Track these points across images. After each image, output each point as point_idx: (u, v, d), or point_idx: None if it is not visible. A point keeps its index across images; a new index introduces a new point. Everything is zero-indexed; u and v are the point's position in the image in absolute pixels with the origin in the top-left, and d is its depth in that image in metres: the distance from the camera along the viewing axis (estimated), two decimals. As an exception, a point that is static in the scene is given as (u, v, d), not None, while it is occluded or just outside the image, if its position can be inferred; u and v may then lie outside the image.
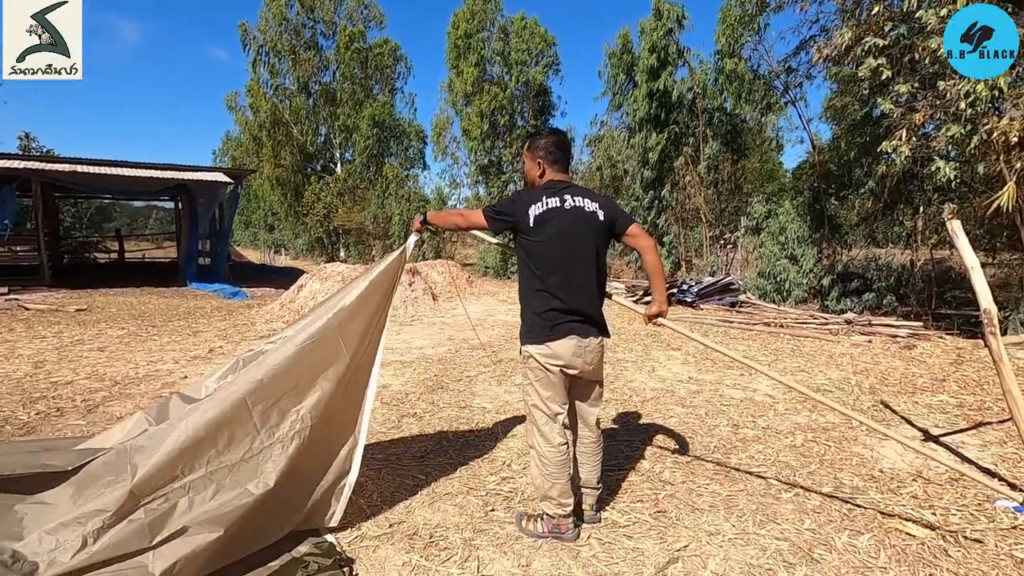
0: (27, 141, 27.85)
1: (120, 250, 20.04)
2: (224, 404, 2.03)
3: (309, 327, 2.25)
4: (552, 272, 2.12)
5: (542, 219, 2.12)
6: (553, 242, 2.11)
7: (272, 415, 2.08)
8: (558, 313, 2.13)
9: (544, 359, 2.14)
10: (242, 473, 1.98)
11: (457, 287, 11.11)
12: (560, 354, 2.13)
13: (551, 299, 2.13)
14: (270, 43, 24.40)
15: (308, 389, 2.17)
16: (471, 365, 5.42)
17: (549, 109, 18.45)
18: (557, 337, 2.13)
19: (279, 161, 25.47)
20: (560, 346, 2.13)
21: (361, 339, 2.33)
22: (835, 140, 12.80)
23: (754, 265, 11.66)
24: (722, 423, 3.66)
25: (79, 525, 1.75)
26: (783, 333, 7.00)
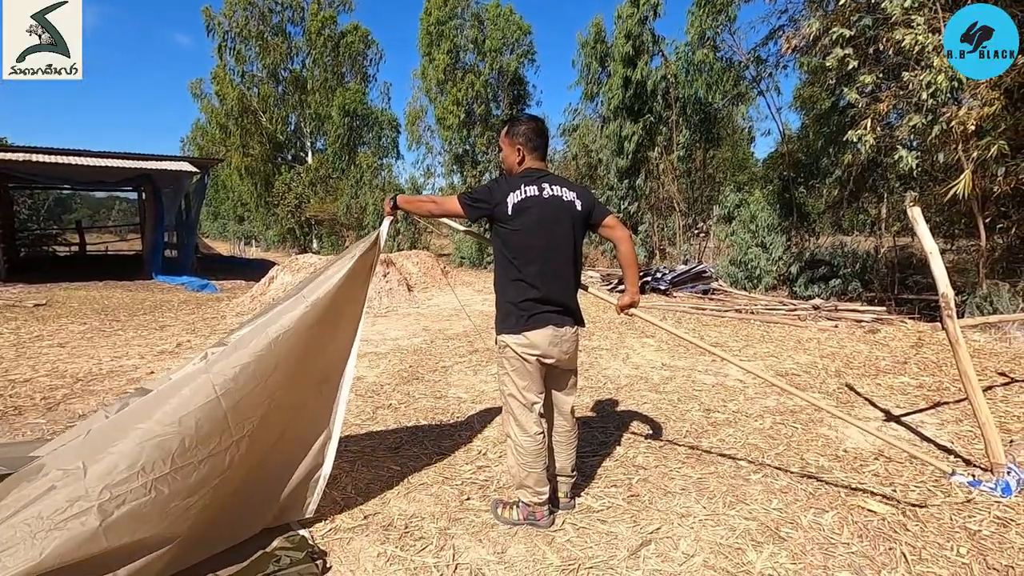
0: (-23, 129, 26.55)
1: (81, 243, 19.33)
2: (192, 399, 1.91)
3: (279, 318, 2.13)
4: (530, 261, 2.11)
5: (520, 208, 2.10)
6: (531, 231, 2.10)
7: (242, 410, 1.98)
8: (535, 303, 2.12)
9: (521, 348, 2.14)
10: (208, 470, 1.88)
11: (432, 277, 11.04)
12: (537, 343, 2.13)
13: (528, 288, 2.12)
14: (236, 28, 23.68)
15: (278, 384, 2.07)
16: (446, 355, 5.40)
17: (524, 98, 18.37)
18: (534, 327, 2.12)
19: (248, 150, 24.84)
20: (537, 335, 2.12)
21: (334, 332, 2.27)
22: (804, 129, 13.05)
23: (726, 253, 11.85)
24: (694, 408, 3.73)
25: (26, 526, 1.60)
26: (754, 319, 7.16)
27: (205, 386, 1.93)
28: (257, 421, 2.01)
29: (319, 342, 2.21)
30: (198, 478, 1.84)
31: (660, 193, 14.72)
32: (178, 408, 1.87)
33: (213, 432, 1.90)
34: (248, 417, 1.99)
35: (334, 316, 2.24)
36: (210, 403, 1.90)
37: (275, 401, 2.06)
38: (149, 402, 1.92)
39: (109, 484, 1.69)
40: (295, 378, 2.13)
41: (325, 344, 2.24)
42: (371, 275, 2.43)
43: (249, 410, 1.99)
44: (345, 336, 2.34)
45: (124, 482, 1.71)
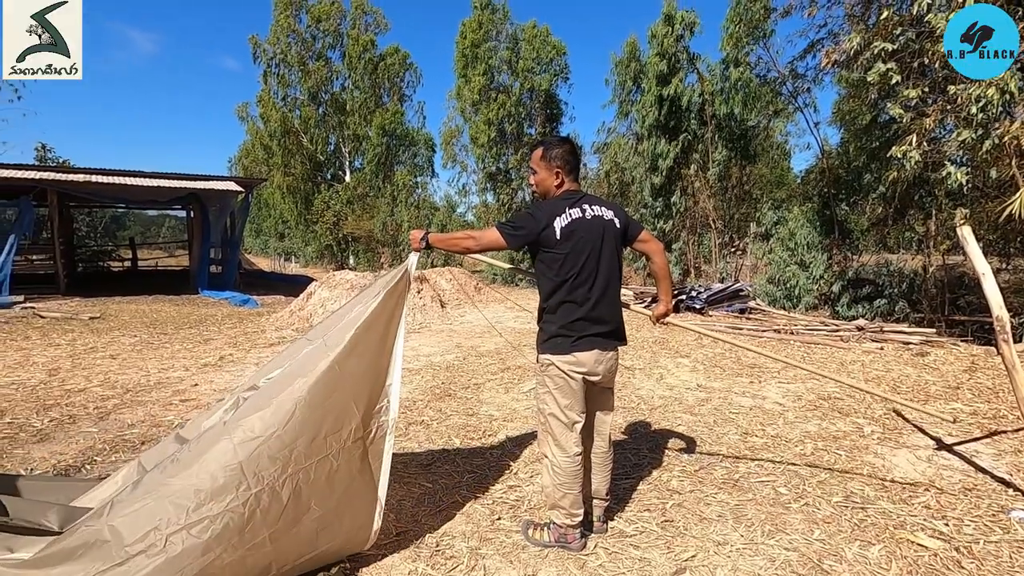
0: (44, 152, 28.35)
1: (133, 258, 20.30)
2: (213, 465, 1.80)
3: (307, 372, 1.98)
4: (579, 283, 2.13)
5: (569, 231, 2.11)
6: (580, 253, 2.12)
7: (264, 475, 1.83)
8: (586, 323, 2.14)
9: (568, 367, 2.14)
10: (222, 525, 1.75)
11: (465, 294, 11.14)
12: (584, 361, 2.14)
13: (577, 309, 2.13)
14: (280, 55, 24.75)
15: (306, 441, 1.91)
16: (479, 372, 5.42)
17: (558, 117, 18.51)
18: (583, 349, 2.14)
19: (289, 170, 25.75)
20: (585, 356, 2.15)
21: (371, 387, 2.10)
22: (843, 145, 12.72)
23: (763, 271, 11.59)
24: (731, 431, 3.63)
25: None
26: (793, 340, 6.95)
27: (227, 451, 1.83)
28: (284, 476, 1.86)
29: (350, 392, 2.03)
30: (213, 534, 1.73)
31: (695, 211, 14.53)
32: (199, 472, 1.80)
33: (229, 487, 1.79)
34: (269, 471, 1.85)
35: (363, 364, 2.07)
36: (230, 467, 1.80)
37: (305, 454, 1.91)
38: (177, 464, 1.86)
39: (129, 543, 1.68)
40: (326, 435, 1.96)
41: (359, 391, 2.06)
42: (401, 313, 2.22)
43: (270, 466, 1.85)
44: (377, 383, 2.13)
45: (142, 539, 1.69)
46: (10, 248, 10.36)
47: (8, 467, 3.08)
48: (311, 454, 1.91)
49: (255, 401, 1.99)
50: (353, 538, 2.06)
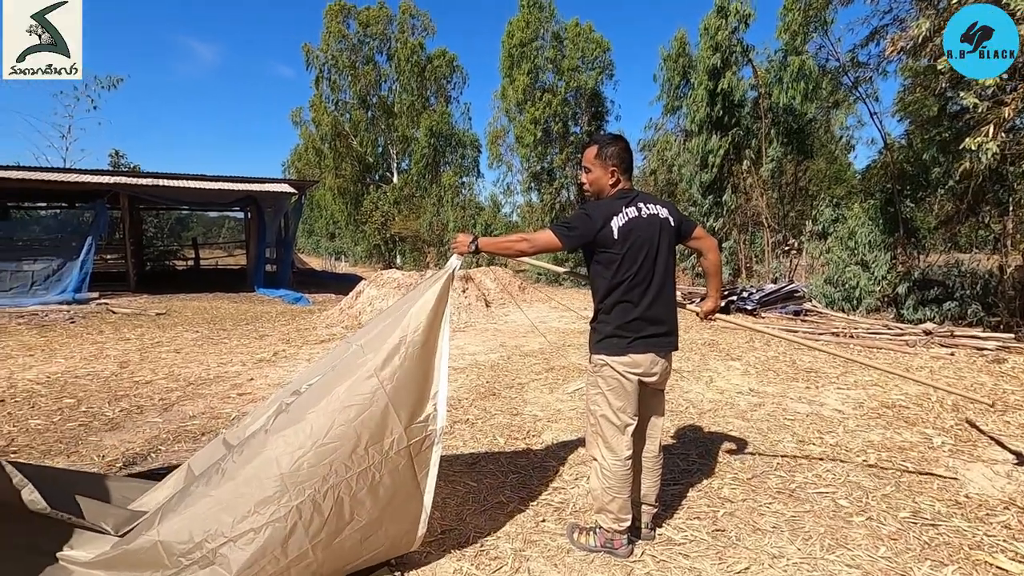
0: (117, 158, 30.27)
1: (196, 258, 21.40)
2: (255, 477, 1.83)
3: (344, 381, 1.98)
4: (636, 283, 2.09)
5: (627, 230, 2.07)
6: (638, 253, 2.08)
7: (305, 486, 1.83)
8: (643, 323, 2.10)
9: (623, 368, 2.10)
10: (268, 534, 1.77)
11: (510, 294, 11.16)
12: (640, 362, 2.11)
13: (633, 309, 2.10)
14: (331, 60, 25.51)
15: (348, 461, 1.89)
16: (523, 372, 5.41)
17: (603, 114, 18.30)
18: (639, 351, 2.11)
19: (340, 172, 26.52)
20: (641, 357, 2.12)
21: (416, 395, 2.05)
22: (908, 137, 11.97)
23: (820, 272, 11.05)
24: (786, 439, 3.48)
25: None
26: (853, 344, 6.61)
27: (269, 462, 1.85)
28: (325, 487, 1.86)
29: (391, 402, 1.98)
30: (257, 546, 1.75)
31: (747, 209, 14.04)
32: (243, 483, 1.83)
33: (271, 499, 1.80)
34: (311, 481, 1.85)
35: (405, 373, 2.03)
36: (272, 478, 1.82)
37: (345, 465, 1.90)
38: (222, 475, 1.90)
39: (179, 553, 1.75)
40: (366, 446, 1.93)
41: (400, 400, 2.01)
42: (443, 318, 2.15)
43: (310, 477, 1.85)
44: (422, 391, 2.08)
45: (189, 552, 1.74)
46: (88, 248, 11.10)
47: (83, 453, 3.29)
48: (351, 465, 1.89)
49: (295, 411, 1.99)
50: (397, 543, 2.06)
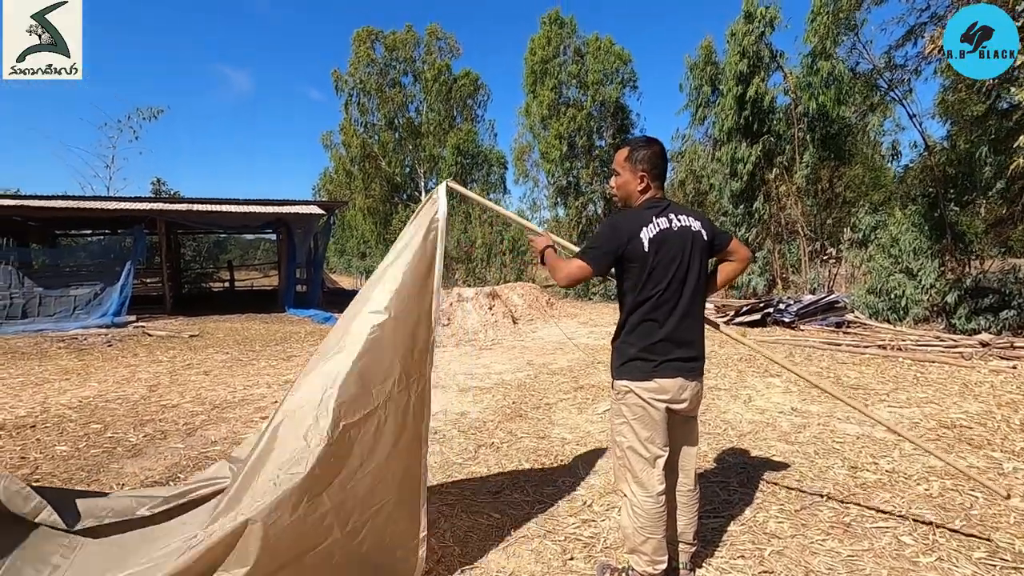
0: (159, 185, 31.55)
1: (231, 279, 21.94)
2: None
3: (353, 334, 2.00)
4: (664, 300, 1.92)
5: (656, 242, 1.91)
6: (667, 267, 1.92)
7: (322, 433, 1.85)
8: (669, 345, 1.92)
9: (648, 394, 1.92)
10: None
11: (537, 310, 11.00)
12: (667, 388, 1.93)
13: (658, 329, 1.92)
14: (359, 85, 26.14)
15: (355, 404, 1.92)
16: (551, 391, 5.23)
17: (628, 127, 18.14)
18: (664, 375, 1.92)
19: (369, 192, 27.01)
20: (667, 382, 1.93)
21: (410, 340, 2.07)
22: (950, 138, 11.44)
23: (862, 281, 10.57)
24: (836, 464, 3.21)
25: None
26: (902, 357, 6.21)
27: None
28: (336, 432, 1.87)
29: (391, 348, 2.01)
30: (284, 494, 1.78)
31: (780, 217, 13.61)
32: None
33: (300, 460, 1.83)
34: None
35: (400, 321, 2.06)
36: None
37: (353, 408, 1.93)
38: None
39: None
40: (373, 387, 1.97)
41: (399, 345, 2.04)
42: (433, 277, 2.18)
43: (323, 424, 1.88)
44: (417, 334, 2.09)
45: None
46: (128, 273, 11.45)
47: (103, 481, 3.26)
48: (359, 408, 1.92)
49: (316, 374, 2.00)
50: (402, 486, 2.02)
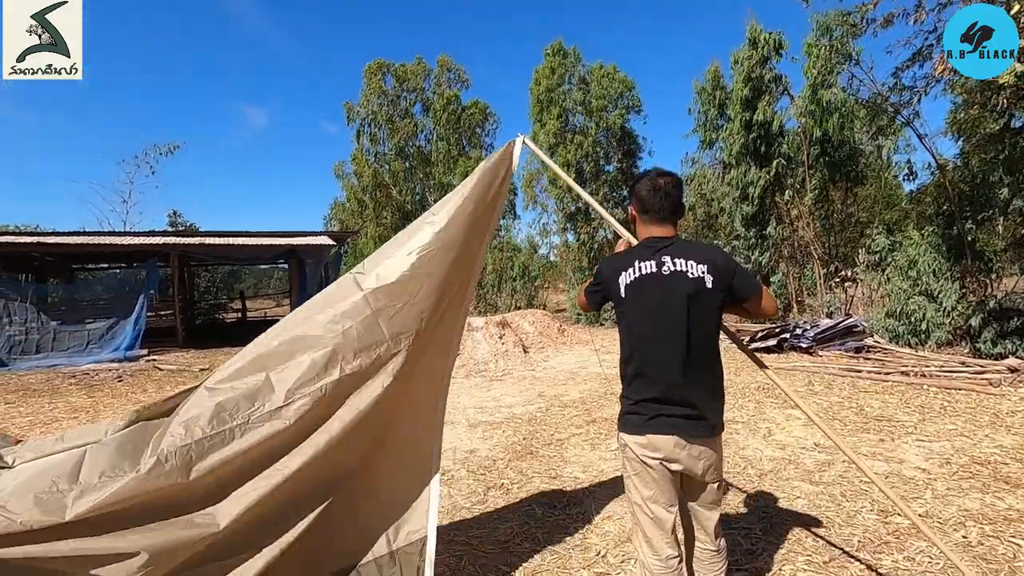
0: (175, 217, 32.11)
1: (243, 310, 22.08)
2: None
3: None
4: (649, 354, 1.75)
5: (633, 289, 1.76)
6: (648, 317, 1.74)
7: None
8: (657, 403, 1.74)
9: (641, 450, 1.77)
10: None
11: (548, 337, 10.87)
12: (659, 446, 1.75)
13: (650, 385, 1.75)
14: (371, 116, 26.71)
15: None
16: (562, 425, 5.10)
17: (636, 152, 18.20)
18: (657, 431, 1.75)
19: (380, 220, 27.30)
20: (660, 440, 1.75)
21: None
22: (963, 157, 11.29)
23: (880, 303, 10.32)
24: (864, 507, 3.03)
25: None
26: (927, 384, 5.99)
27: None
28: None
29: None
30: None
31: (794, 240, 13.44)
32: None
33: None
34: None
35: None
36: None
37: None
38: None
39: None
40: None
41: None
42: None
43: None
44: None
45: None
46: (141, 306, 11.55)
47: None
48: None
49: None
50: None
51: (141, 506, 1.61)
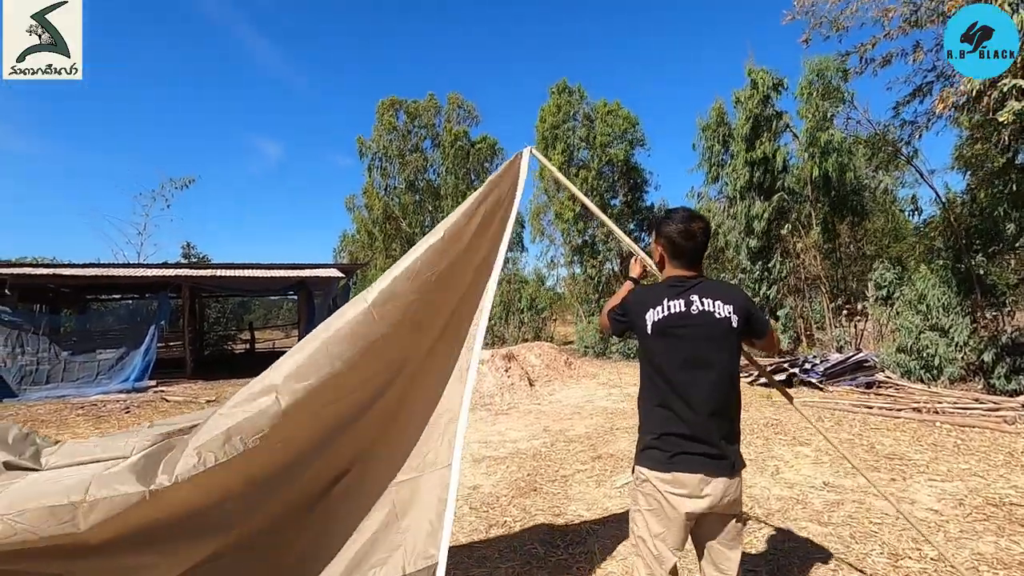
0: (188, 249, 32.68)
1: (251, 341, 22.19)
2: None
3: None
4: (676, 390, 1.76)
5: (662, 328, 1.78)
6: (678, 355, 1.76)
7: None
8: (682, 440, 1.74)
9: (665, 487, 1.74)
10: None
11: (555, 370, 10.81)
12: (685, 483, 1.73)
13: (675, 421, 1.75)
14: (382, 150, 27.36)
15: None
16: (567, 461, 5.04)
17: (641, 185, 18.42)
18: (682, 469, 1.74)
19: (389, 252, 27.61)
20: (687, 477, 1.73)
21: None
22: (970, 191, 11.33)
23: (890, 338, 10.22)
24: (874, 550, 2.96)
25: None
26: (939, 421, 5.89)
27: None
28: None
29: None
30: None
31: (800, 273, 13.42)
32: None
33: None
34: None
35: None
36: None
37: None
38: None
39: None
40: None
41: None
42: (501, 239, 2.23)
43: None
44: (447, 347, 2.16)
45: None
46: (151, 337, 11.66)
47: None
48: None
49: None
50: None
51: (153, 524, 1.70)
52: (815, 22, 8.18)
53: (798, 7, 8.20)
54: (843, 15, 7.86)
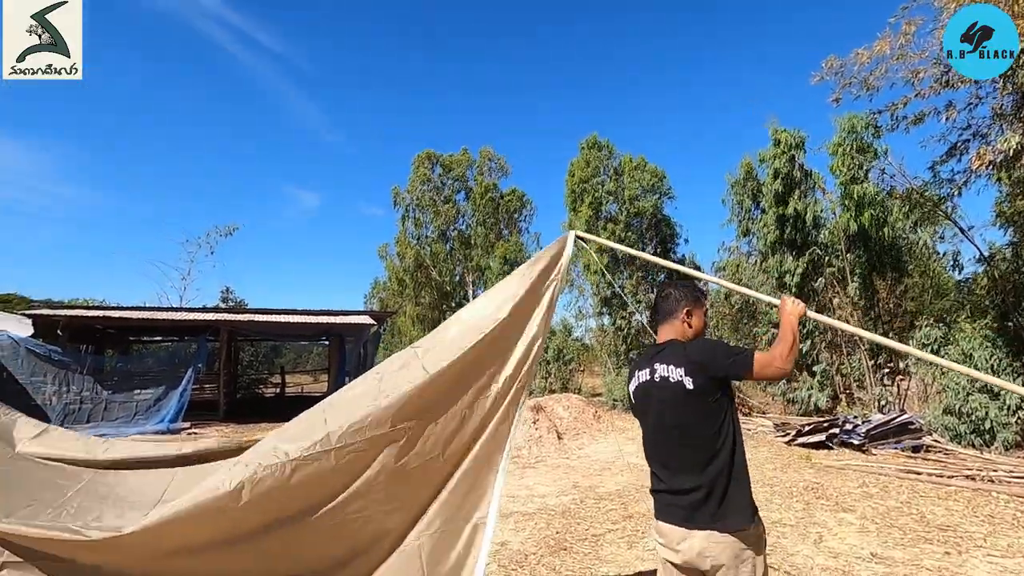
0: (227, 294, 33.79)
1: (282, 384, 22.51)
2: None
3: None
4: (653, 455, 1.96)
5: (636, 397, 2.00)
6: (648, 420, 1.96)
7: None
8: (665, 495, 1.89)
9: (655, 535, 1.91)
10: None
11: (584, 423, 10.63)
12: (664, 532, 1.86)
13: (656, 480, 1.94)
14: (416, 201, 28.32)
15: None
16: (598, 519, 4.91)
17: (672, 237, 18.46)
18: (662, 519, 1.89)
19: (419, 300, 28.10)
20: (665, 527, 1.86)
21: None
22: (1013, 247, 11.02)
23: (936, 399, 9.76)
24: (930, 630, 2.78)
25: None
26: (996, 491, 5.54)
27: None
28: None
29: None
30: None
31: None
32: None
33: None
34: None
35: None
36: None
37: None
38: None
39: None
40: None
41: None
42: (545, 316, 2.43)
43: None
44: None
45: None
46: (188, 379, 12.00)
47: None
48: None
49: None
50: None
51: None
52: (844, 82, 8.31)
53: (826, 68, 8.38)
54: (872, 76, 7.98)
